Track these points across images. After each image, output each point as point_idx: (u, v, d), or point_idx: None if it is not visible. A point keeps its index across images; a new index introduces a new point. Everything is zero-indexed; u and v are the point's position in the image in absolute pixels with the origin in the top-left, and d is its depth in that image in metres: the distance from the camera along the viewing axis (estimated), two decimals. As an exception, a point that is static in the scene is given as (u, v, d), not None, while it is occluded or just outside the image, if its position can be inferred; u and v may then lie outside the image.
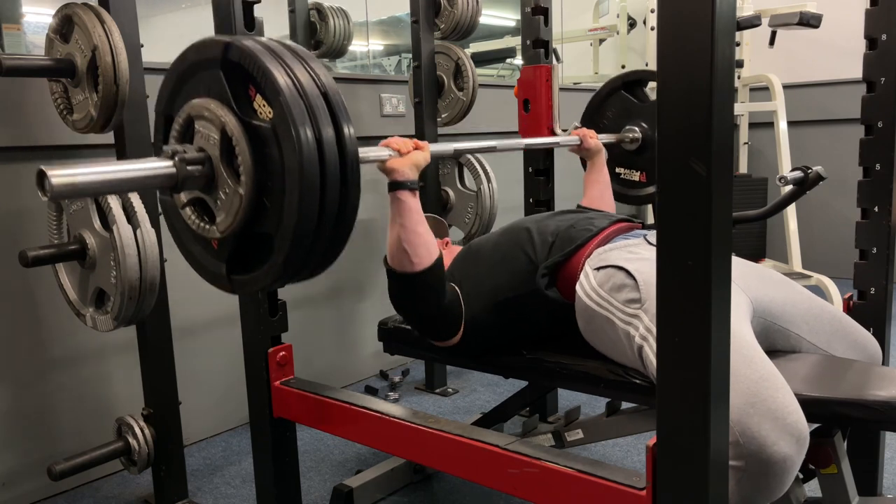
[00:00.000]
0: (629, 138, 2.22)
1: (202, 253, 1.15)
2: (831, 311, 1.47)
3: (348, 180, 1.05)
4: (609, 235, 1.53)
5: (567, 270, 1.48)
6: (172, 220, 1.17)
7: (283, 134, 0.99)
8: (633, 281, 1.33)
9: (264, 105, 1.01)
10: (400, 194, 1.38)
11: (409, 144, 1.41)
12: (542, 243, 1.52)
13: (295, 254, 1.03)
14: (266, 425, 1.67)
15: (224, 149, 1.04)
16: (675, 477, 0.95)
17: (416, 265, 1.38)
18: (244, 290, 1.13)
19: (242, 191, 1.03)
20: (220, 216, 1.06)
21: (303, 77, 1.02)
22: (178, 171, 1.03)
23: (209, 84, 1.07)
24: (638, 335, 1.29)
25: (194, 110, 1.07)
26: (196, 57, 1.09)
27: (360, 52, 4.73)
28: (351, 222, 1.09)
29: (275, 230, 1.03)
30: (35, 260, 1.56)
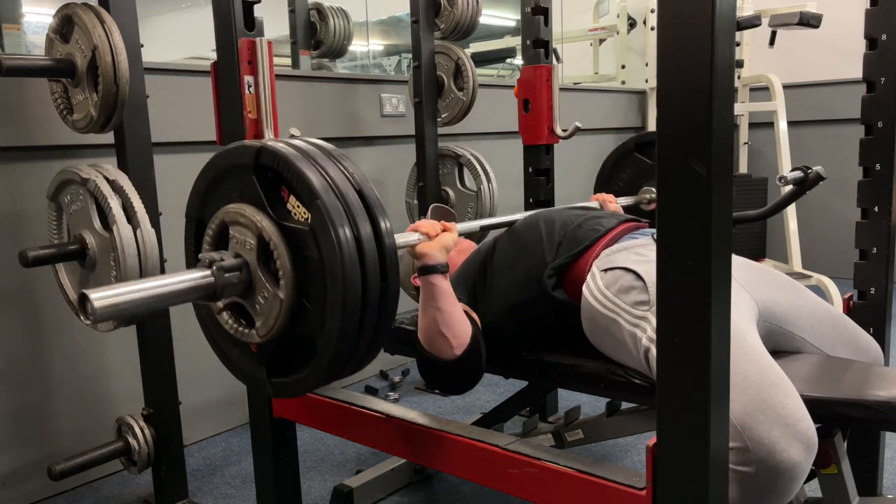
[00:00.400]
0: (647, 199, 2.25)
1: (240, 357, 1.14)
2: (835, 315, 1.46)
3: (388, 274, 1.03)
4: (616, 236, 1.52)
5: (574, 272, 1.48)
6: (207, 324, 1.16)
7: (322, 235, 0.98)
8: (642, 282, 1.32)
9: (299, 206, 1.01)
10: (433, 279, 1.35)
11: (437, 227, 1.40)
12: (549, 243, 1.51)
13: (340, 353, 1.02)
14: (266, 425, 1.67)
15: (261, 253, 1.03)
16: (675, 477, 0.95)
17: (456, 347, 1.35)
18: (286, 393, 1.12)
19: (282, 294, 1.01)
20: (260, 320, 1.05)
21: (337, 177, 1.01)
22: (217, 280, 1.02)
23: (242, 188, 1.06)
24: (645, 337, 1.29)
25: (228, 216, 1.06)
26: (227, 162, 1.09)
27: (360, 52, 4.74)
28: (392, 313, 1.08)
29: (318, 332, 1.02)
30: (35, 260, 1.56)
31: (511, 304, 1.50)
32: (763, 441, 1.08)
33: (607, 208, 1.99)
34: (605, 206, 1.99)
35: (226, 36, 1.53)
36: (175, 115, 2.15)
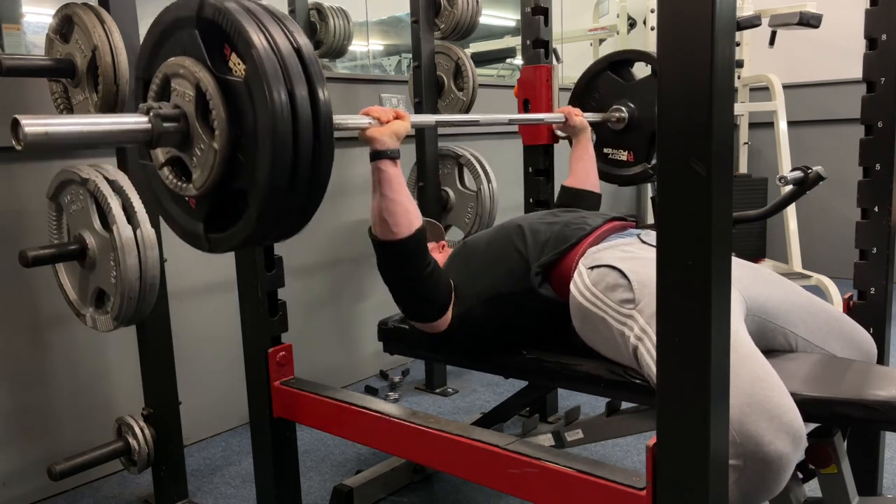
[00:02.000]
0: (615, 118, 2.23)
1: (180, 214, 1.17)
2: (827, 309, 1.47)
3: (321, 138, 1.05)
4: (602, 234, 1.53)
5: (561, 269, 1.49)
6: (151, 184, 1.18)
7: (256, 90, 1.00)
8: (627, 281, 1.33)
9: (239, 63, 1.03)
10: (381, 164, 1.39)
11: (389, 113, 1.42)
12: (534, 242, 1.53)
13: (268, 209, 1.04)
14: (266, 425, 1.67)
15: (199, 105, 1.05)
16: (675, 477, 0.95)
17: (396, 234, 1.40)
18: (221, 247, 1.14)
19: (217, 145, 1.04)
20: (196, 173, 1.07)
21: (278, 36, 1.03)
22: (154, 127, 1.04)
23: (185, 44, 1.08)
24: (633, 336, 1.30)
25: (170, 69, 1.08)
26: (171, 17, 1.10)
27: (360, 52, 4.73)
28: (325, 180, 1.10)
29: (249, 185, 1.04)
30: (35, 260, 1.56)
31: (497, 300, 1.51)
32: (750, 434, 1.09)
33: (572, 121, 2.01)
34: (570, 118, 2.01)
35: (226, 36, 1.53)
36: (175, 115, 2.15)
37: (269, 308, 1.64)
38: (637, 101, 2.22)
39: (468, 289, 1.53)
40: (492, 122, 1.89)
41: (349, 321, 2.86)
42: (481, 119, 1.82)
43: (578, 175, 2.01)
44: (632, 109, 2.22)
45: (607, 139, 2.29)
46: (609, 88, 2.28)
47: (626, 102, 2.23)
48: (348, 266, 2.83)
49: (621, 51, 2.38)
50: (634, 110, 2.22)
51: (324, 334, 2.77)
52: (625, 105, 2.22)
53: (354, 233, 2.78)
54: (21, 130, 0.89)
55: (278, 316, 1.66)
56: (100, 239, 1.58)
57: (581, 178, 2.00)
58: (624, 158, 2.28)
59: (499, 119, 1.90)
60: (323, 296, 2.75)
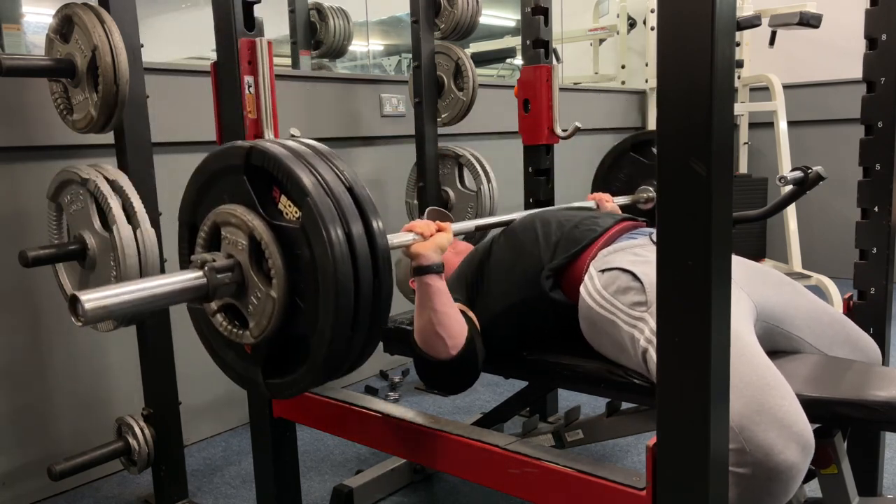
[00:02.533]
0: (644, 198, 2.27)
1: (235, 359, 1.14)
2: (833, 315, 1.46)
3: (380, 272, 1.03)
4: (613, 235, 1.52)
5: (572, 272, 1.47)
6: (202, 327, 1.16)
7: (313, 233, 0.98)
8: (640, 283, 1.32)
9: (290, 206, 1.01)
10: (428, 279, 1.34)
11: (432, 227, 1.39)
12: (546, 244, 1.51)
13: (334, 352, 1.02)
14: (266, 425, 1.67)
15: (253, 253, 1.03)
16: (675, 477, 0.95)
17: (452, 348, 1.35)
18: (282, 394, 1.11)
19: (275, 294, 1.01)
20: (253, 321, 1.05)
21: (328, 175, 1.01)
22: (209, 281, 1.02)
23: (233, 190, 1.06)
24: (643, 338, 1.29)
25: (219, 217, 1.06)
26: (218, 164, 1.09)
27: (360, 52, 4.73)
28: (386, 313, 1.07)
29: (311, 331, 1.02)
30: (35, 260, 1.56)
31: (509, 305, 1.50)
32: (760, 443, 1.07)
33: (604, 207, 1.99)
34: (601, 205, 1.99)
35: (226, 36, 1.53)
36: (175, 115, 2.15)
37: (269, 308, 1.64)
38: None
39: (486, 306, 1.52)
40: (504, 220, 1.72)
41: (349, 321, 2.85)
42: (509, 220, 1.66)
43: None
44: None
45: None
46: (633, 169, 2.33)
47: (653, 182, 2.25)
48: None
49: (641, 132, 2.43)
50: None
51: (324, 334, 2.76)
52: (651, 185, 2.26)
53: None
54: (81, 306, 0.88)
55: (278, 316, 1.65)
56: (100, 239, 1.58)
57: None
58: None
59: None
60: (323, 296, 2.75)
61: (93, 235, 1.59)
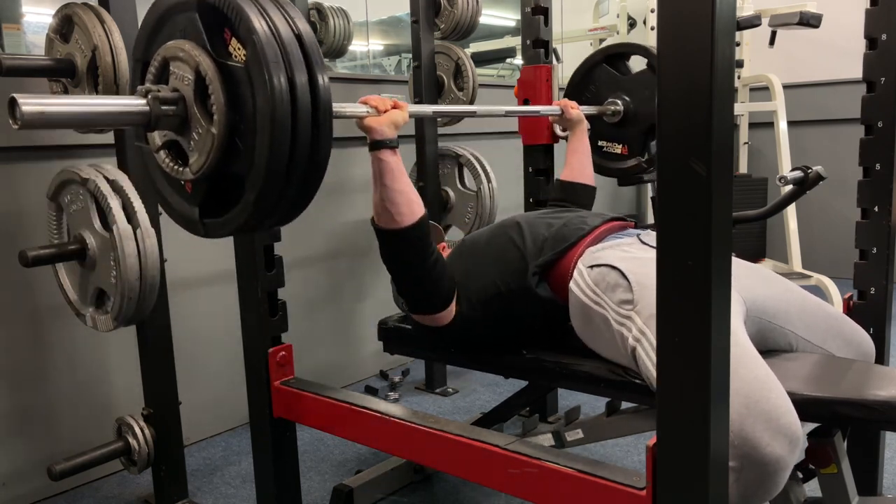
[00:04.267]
0: (611, 111, 2.22)
1: (176, 198, 1.16)
2: (825, 309, 1.47)
3: (320, 124, 1.05)
4: (601, 234, 1.53)
5: (559, 269, 1.49)
6: (148, 168, 1.18)
7: (255, 75, 1.00)
8: (627, 282, 1.33)
9: (239, 48, 1.02)
10: (380, 153, 1.38)
11: (387, 103, 1.41)
12: (533, 241, 1.52)
13: (266, 193, 1.04)
14: (266, 425, 1.67)
15: (198, 89, 1.05)
16: (675, 477, 0.95)
17: (399, 222, 1.39)
18: (217, 233, 1.13)
19: (215, 130, 1.03)
20: (194, 157, 1.07)
21: (279, 21, 1.03)
22: (152, 109, 1.04)
23: (185, 27, 1.08)
24: (631, 336, 1.29)
25: (169, 52, 1.07)
26: (171, 0, 1.10)
27: (360, 52, 4.73)
28: (322, 167, 1.09)
29: (246, 170, 1.04)
30: (35, 260, 1.56)
31: (497, 301, 1.51)
32: (747, 436, 1.08)
33: (569, 114, 2.01)
34: (566, 111, 2.00)
35: (226, 36, 1.53)
36: (175, 115, 2.15)
37: (269, 308, 1.64)
38: (633, 95, 2.22)
39: (467, 287, 1.53)
40: (489, 113, 1.89)
41: (349, 321, 2.86)
42: (479, 111, 1.83)
43: (573, 168, 2.01)
44: (627, 103, 2.22)
45: (602, 132, 2.29)
46: (605, 81, 2.28)
47: (622, 96, 2.23)
48: (348, 265, 2.83)
49: (618, 44, 2.39)
50: (630, 104, 2.22)
51: (324, 334, 2.77)
52: (620, 98, 2.22)
53: (354, 232, 2.78)
54: (18, 109, 0.89)
55: (278, 316, 1.66)
56: (100, 239, 1.58)
57: (576, 171, 2.00)
58: (619, 151, 2.28)
59: (496, 111, 1.90)
60: (323, 295, 2.75)
61: (93, 235, 1.59)
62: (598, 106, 2.23)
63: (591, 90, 2.31)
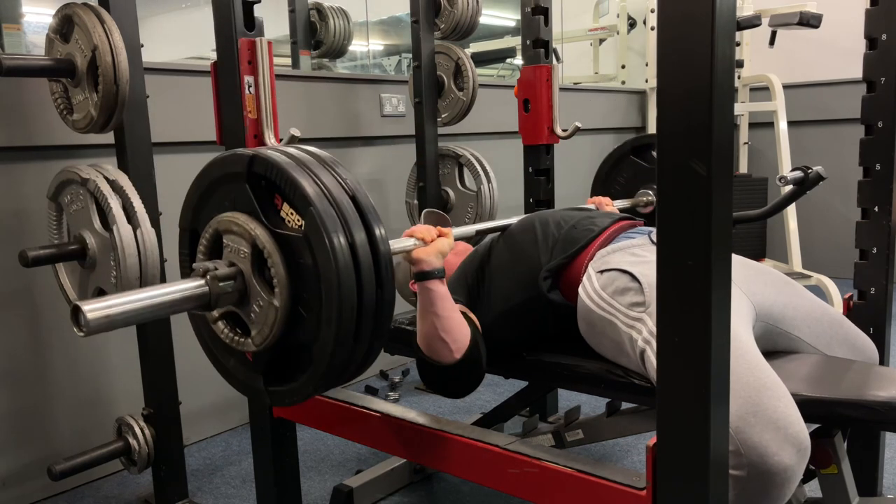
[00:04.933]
0: (643, 202, 2.25)
1: (236, 366, 1.14)
2: (832, 315, 1.46)
3: (383, 281, 1.03)
4: (611, 235, 1.51)
5: (570, 273, 1.47)
6: (203, 333, 1.16)
7: (316, 242, 0.98)
8: (638, 284, 1.32)
9: (292, 214, 1.00)
10: (430, 284, 1.34)
11: (433, 232, 1.39)
12: (544, 245, 1.51)
13: (336, 362, 1.02)
14: (266, 425, 1.67)
15: (255, 261, 1.02)
16: (675, 477, 0.95)
17: (456, 352, 1.35)
18: (283, 402, 1.11)
19: (278, 302, 1.01)
20: (255, 329, 1.04)
21: (330, 183, 1.01)
22: (212, 289, 1.01)
23: (235, 197, 1.06)
24: (641, 339, 1.28)
25: (221, 225, 1.05)
26: (220, 171, 1.08)
27: (360, 52, 4.73)
28: (388, 321, 1.07)
29: (314, 340, 1.01)
30: (35, 260, 1.56)
31: (508, 306, 1.50)
32: (755, 445, 1.07)
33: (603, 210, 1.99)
34: (601, 207, 1.99)
35: (226, 36, 1.53)
36: (175, 115, 2.15)
37: (270, 308, 1.64)
38: None
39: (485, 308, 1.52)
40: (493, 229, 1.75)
41: (349, 321, 2.85)
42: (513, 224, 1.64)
43: None
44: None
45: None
46: (633, 172, 2.31)
47: (652, 186, 2.24)
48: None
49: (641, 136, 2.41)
50: None
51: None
52: (651, 189, 2.25)
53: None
54: (83, 317, 0.88)
55: (278, 316, 1.65)
56: (100, 239, 1.58)
57: None
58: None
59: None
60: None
61: (93, 235, 1.59)
62: (631, 199, 2.25)
63: (620, 182, 2.34)
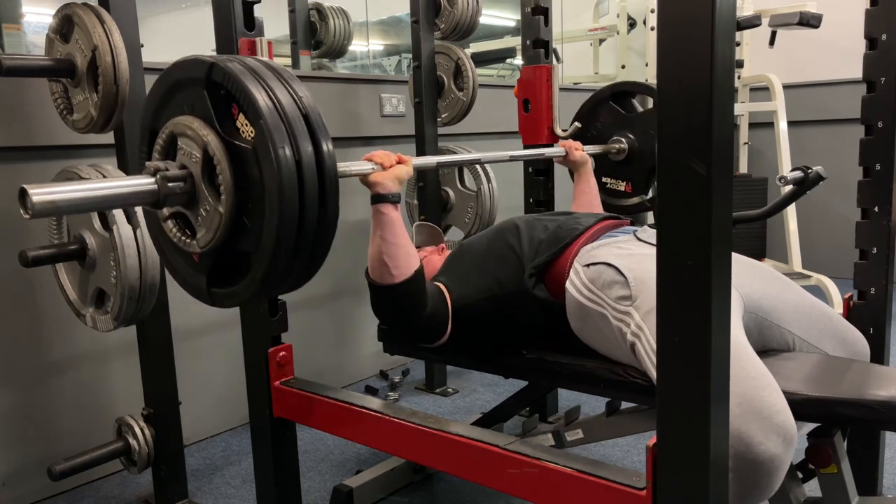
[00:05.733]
0: (615, 149, 2.24)
1: (183, 265, 1.17)
2: (821, 308, 1.48)
3: (327, 198, 1.06)
4: (596, 233, 1.53)
5: (555, 269, 1.49)
6: (155, 232, 1.18)
7: (263, 154, 1.00)
8: (623, 278, 1.33)
9: (247, 125, 1.03)
10: (382, 207, 1.38)
11: (391, 158, 1.42)
12: (529, 243, 1.53)
13: (272, 272, 1.05)
14: (266, 425, 1.67)
15: (206, 167, 1.05)
16: (675, 477, 0.95)
17: (396, 277, 1.39)
18: (223, 303, 1.14)
19: (223, 209, 1.04)
20: (201, 232, 1.08)
21: (284, 98, 1.04)
22: (160, 189, 1.04)
23: (193, 102, 1.08)
24: (630, 332, 1.30)
25: (178, 128, 1.08)
26: (181, 75, 1.10)
27: (360, 52, 4.73)
28: (329, 240, 1.10)
29: (253, 248, 1.05)
30: (35, 260, 1.56)
31: (495, 303, 1.51)
32: (740, 435, 1.08)
33: (572, 155, 2.02)
34: (570, 152, 2.02)
35: (226, 36, 1.53)
36: (175, 115, 2.15)
37: (269, 308, 1.64)
38: (637, 134, 2.23)
39: (465, 291, 1.53)
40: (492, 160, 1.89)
41: (349, 321, 2.86)
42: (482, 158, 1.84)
43: (582, 207, 2.02)
44: (632, 141, 2.23)
45: (607, 169, 2.31)
46: (610, 119, 2.30)
47: (627, 134, 2.24)
48: (348, 266, 2.83)
49: (623, 82, 2.40)
50: (634, 142, 2.23)
51: (324, 334, 2.77)
52: (625, 136, 2.24)
53: (355, 232, 2.78)
54: (29, 199, 0.89)
55: (278, 316, 1.66)
56: (100, 239, 1.58)
57: (584, 209, 2.01)
58: (622, 189, 2.30)
59: (500, 157, 1.89)
60: (323, 296, 2.75)
61: (93, 235, 1.59)
62: (603, 144, 2.24)
63: (597, 127, 2.32)
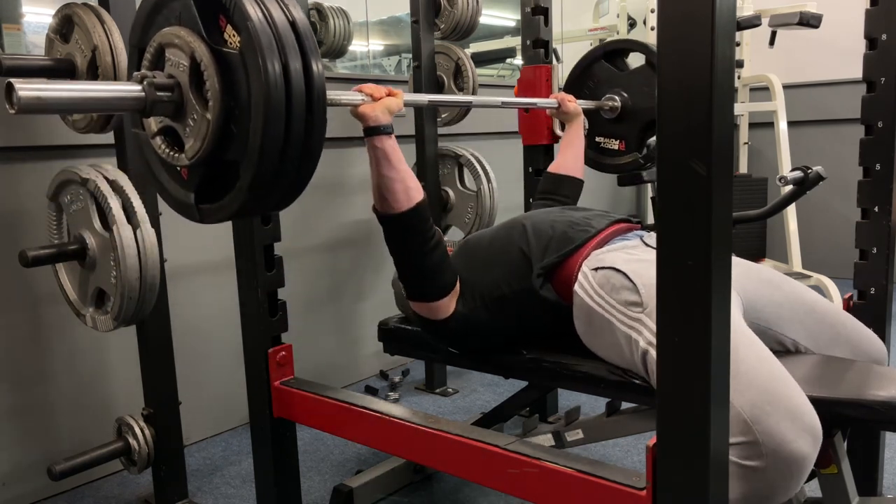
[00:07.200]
0: (608, 106, 2.22)
1: (173, 184, 1.17)
2: (834, 314, 1.44)
3: (314, 110, 1.06)
4: (606, 237, 1.52)
5: (563, 271, 1.48)
6: (144, 154, 1.19)
7: (250, 61, 1.01)
8: (632, 283, 1.32)
9: (234, 35, 1.03)
10: (375, 140, 1.39)
11: (382, 90, 1.41)
12: (537, 242, 1.52)
13: (259, 178, 1.05)
14: (266, 425, 1.67)
15: (193, 75, 1.05)
16: (675, 477, 0.95)
17: (396, 208, 1.40)
18: (212, 218, 1.14)
19: (210, 116, 1.04)
20: (189, 142, 1.08)
21: (273, 8, 1.04)
22: (147, 95, 1.04)
23: (180, 13, 1.08)
24: (643, 340, 1.28)
25: (165, 38, 1.08)
26: None
27: (360, 52, 4.73)
28: (317, 152, 1.10)
29: (241, 156, 1.05)
30: (35, 260, 1.56)
31: (500, 302, 1.50)
32: (773, 434, 1.07)
33: (566, 108, 2.01)
34: (563, 104, 2.01)
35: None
36: (175, 115, 2.15)
37: (269, 308, 1.64)
38: (631, 91, 2.22)
39: (470, 287, 1.52)
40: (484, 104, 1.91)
41: (349, 321, 2.86)
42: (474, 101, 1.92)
43: (567, 160, 2.00)
44: (625, 99, 2.22)
45: (599, 128, 2.29)
46: (603, 77, 2.28)
47: (620, 92, 2.23)
48: (348, 266, 2.83)
49: (616, 40, 2.39)
50: (627, 100, 2.22)
51: (324, 334, 2.77)
52: (618, 94, 2.23)
53: (354, 232, 2.78)
54: (15, 94, 0.90)
55: (278, 316, 1.66)
56: (100, 239, 1.58)
57: (569, 163, 2.00)
58: (615, 147, 2.28)
59: (492, 101, 1.90)
60: (323, 295, 2.75)
61: (93, 235, 1.59)
62: (596, 101, 2.23)
63: (590, 86, 2.31)
